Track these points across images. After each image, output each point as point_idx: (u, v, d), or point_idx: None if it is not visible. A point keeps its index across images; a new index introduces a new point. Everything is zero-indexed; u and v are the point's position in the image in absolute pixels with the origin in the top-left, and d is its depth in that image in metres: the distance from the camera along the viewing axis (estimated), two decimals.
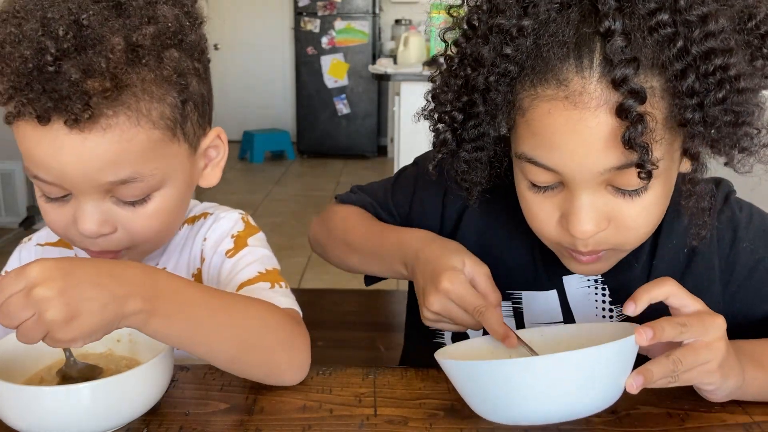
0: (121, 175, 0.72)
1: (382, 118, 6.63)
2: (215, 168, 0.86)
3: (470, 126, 0.75)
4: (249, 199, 4.94)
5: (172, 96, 0.73)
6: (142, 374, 0.67)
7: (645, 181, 0.67)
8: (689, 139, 0.67)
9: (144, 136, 0.72)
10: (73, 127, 0.68)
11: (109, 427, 0.68)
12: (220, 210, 0.94)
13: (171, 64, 0.72)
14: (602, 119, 0.65)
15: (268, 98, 7.03)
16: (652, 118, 0.64)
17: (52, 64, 0.65)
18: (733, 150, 0.69)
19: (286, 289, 0.84)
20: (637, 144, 0.63)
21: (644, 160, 0.64)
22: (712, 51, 0.63)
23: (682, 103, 0.65)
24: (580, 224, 0.71)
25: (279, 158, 6.54)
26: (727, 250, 0.86)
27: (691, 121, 0.65)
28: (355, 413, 0.74)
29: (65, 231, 0.77)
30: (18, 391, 0.64)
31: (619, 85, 0.63)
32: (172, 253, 0.91)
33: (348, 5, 6.29)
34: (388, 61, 4.22)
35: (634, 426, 0.72)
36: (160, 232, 0.80)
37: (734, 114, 0.65)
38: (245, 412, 0.74)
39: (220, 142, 0.85)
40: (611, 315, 0.89)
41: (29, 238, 0.97)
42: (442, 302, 0.79)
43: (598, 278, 0.88)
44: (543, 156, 0.70)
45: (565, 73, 0.66)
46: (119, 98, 0.69)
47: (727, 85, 0.63)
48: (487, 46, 0.69)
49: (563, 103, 0.66)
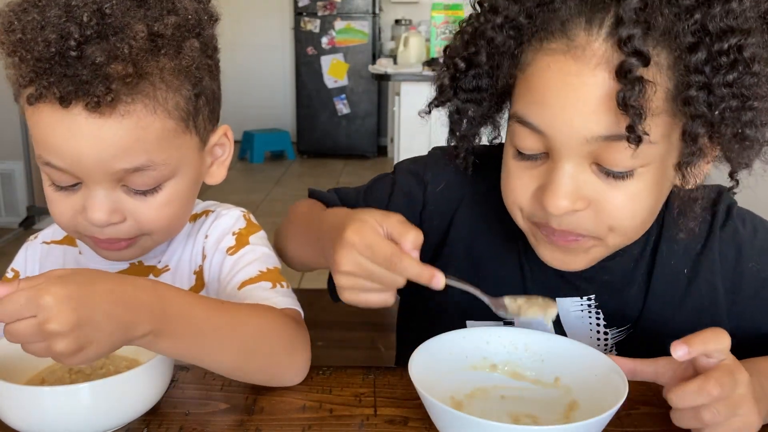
0: (134, 163, 0.73)
1: (382, 118, 6.62)
2: (221, 166, 0.87)
3: (470, 76, 0.74)
4: (249, 199, 4.94)
5: (187, 88, 0.75)
6: (142, 374, 0.67)
7: (633, 149, 0.63)
8: (690, 120, 0.64)
9: (159, 124, 0.73)
10: (93, 110, 0.69)
11: (109, 427, 0.67)
12: (222, 207, 0.94)
13: (190, 54, 0.74)
14: (600, 78, 0.64)
15: (268, 98, 7.02)
16: (653, 88, 0.62)
17: (75, 49, 0.67)
18: (733, 139, 0.66)
19: (288, 289, 0.84)
20: (631, 105, 0.61)
21: (635, 124, 0.62)
22: (729, 29, 0.61)
23: (688, 79, 0.63)
24: (555, 196, 0.68)
25: (279, 158, 6.54)
26: (731, 270, 0.82)
27: (695, 99, 0.63)
28: (355, 413, 0.74)
29: (72, 220, 0.77)
30: (18, 391, 0.64)
31: (624, 43, 0.61)
32: (175, 250, 0.91)
33: (348, 5, 6.29)
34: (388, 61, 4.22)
35: (634, 426, 0.72)
36: (169, 223, 0.81)
37: (742, 98, 0.63)
38: (245, 412, 0.74)
39: (227, 140, 0.87)
40: (606, 338, 0.87)
41: (35, 236, 0.97)
42: (351, 257, 0.66)
43: (591, 302, 0.85)
44: (534, 113, 0.68)
45: (574, 28, 0.65)
46: (138, 86, 0.70)
47: (740, 67, 0.61)
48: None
49: (564, 57, 0.65)
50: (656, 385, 0.70)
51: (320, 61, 6.43)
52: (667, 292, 0.83)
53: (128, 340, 0.61)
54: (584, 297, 0.86)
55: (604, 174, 0.68)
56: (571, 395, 0.73)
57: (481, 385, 0.76)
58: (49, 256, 0.94)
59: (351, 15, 6.31)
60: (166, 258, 0.91)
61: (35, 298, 0.55)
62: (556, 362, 0.76)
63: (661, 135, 0.65)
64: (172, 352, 0.67)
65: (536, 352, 0.77)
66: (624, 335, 0.86)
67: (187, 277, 0.90)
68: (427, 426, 0.71)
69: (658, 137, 0.65)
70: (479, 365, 0.77)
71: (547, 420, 0.71)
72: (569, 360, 0.75)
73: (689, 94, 0.63)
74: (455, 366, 0.76)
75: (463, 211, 0.90)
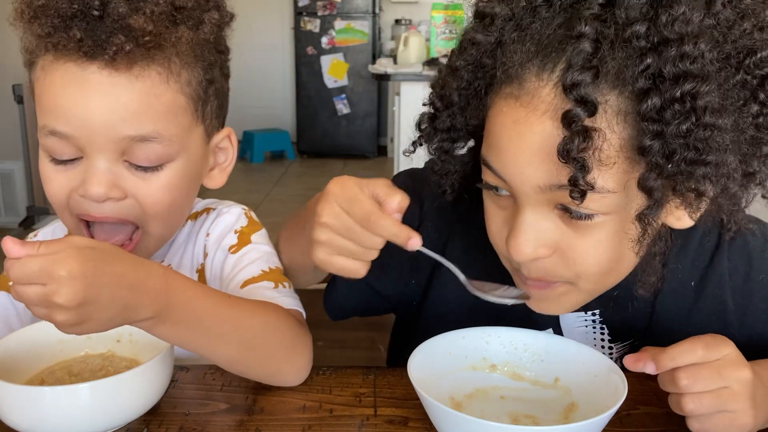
0: (141, 131, 0.73)
1: (382, 118, 6.62)
2: (222, 172, 0.87)
3: (445, 116, 0.73)
4: (249, 199, 4.93)
5: (200, 70, 0.77)
6: (142, 374, 0.67)
7: (579, 201, 0.60)
8: (646, 171, 0.61)
9: (170, 96, 0.74)
10: (108, 65, 0.70)
11: (109, 427, 0.68)
12: (223, 205, 0.94)
13: (208, 28, 0.76)
14: (547, 127, 0.61)
15: (268, 98, 7.02)
16: (602, 137, 0.59)
17: (98, 9, 0.69)
18: (689, 193, 0.62)
19: (290, 289, 0.84)
20: (572, 158, 0.58)
21: (578, 178, 0.58)
22: (684, 74, 0.57)
23: (642, 127, 0.59)
24: (517, 243, 0.67)
25: (279, 158, 6.54)
26: (741, 282, 0.81)
27: (649, 149, 0.59)
28: (355, 413, 0.74)
29: (68, 197, 0.77)
30: (18, 391, 0.64)
31: (569, 90, 0.58)
32: (177, 249, 0.91)
33: (348, 5, 6.29)
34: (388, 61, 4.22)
35: (634, 426, 0.72)
36: (168, 210, 0.80)
37: (696, 151, 0.58)
38: (245, 412, 0.74)
39: (230, 145, 0.87)
40: (611, 353, 0.86)
41: (35, 234, 0.97)
42: (331, 209, 0.65)
43: (596, 318, 0.84)
44: (492, 157, 0.67)
45: (526, 73, 0.63)
46: (154, 53, 0.72)
47: (693, 117, 0.57)
48: (478, 33, 0.67)
49: (516, 102, 0.64)
50: (656, 385, 0.70)
51: (320, 61, 6.43)
52: (674, 306, 0.82)
53: (128, 321, 0.61)
54: (588, 312, 0.84)
55: (568, 217, 0.65)
56: (570, 396, 0.73)
57: (481, 385, 0.76)
58: None
59: (351, 15, 6.31)
60: (168, 257, 0.91)
61: (50, 269, 0.55)
62: (555, 362, 0.76)
63: (618, 182, 0.62)
64: (172, 339, 0.67)
65: (536, 353, 0.77)
66: (629, 348, 0.86)
67: (188, 275, 0.90)
68: (427, 426, 0.71)
69: (615, 186, 0.62)
70: (479, 366, 0.77)
71: (546, 420, 0.71)
72: (569, 360, 0.75)
73: (643, 144, 0.59)
74: (455, 366, 0.76)
75: (458, 230, 0.88)
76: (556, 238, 0.67)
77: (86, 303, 0.56)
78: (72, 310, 0.56)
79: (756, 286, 0.81)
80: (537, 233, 0.67)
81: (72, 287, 0.55)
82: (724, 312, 0.81)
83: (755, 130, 0.63)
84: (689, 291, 0.82)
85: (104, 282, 0.58)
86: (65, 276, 0.55)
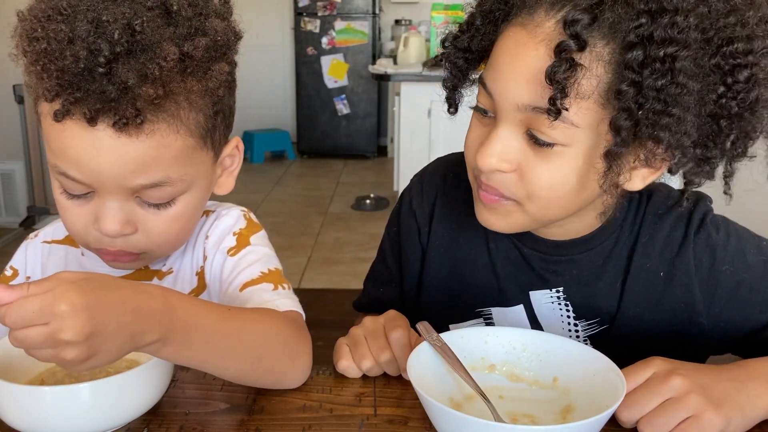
0: (152, 179, 0.73)
1: (382, 118, 6.62)
2: (230, 176, 0.87)
3: (465, 36, 0.81)
4: (249, 199, 4.95)
5: (209, 107, 0.75)
6: (142, 374, 0.67)
7: (552, 119, 0.68)
8: (617, 112, 0.69)
9: (180, 143, 0.73)
10: (121, 130, 0.68)
11: (109, 427, 0.68)
12: (222, 207, 0.94)
13: (217, 77, 0.74)
14: (540, 52, 0.70)
15: (268, 98, 7.02)
16: (584, 72, 0.68)
17: (104, 66, 0.66)
18: (649, 140, 0.70)
19: (289, 291, 0.84)
20: (555, 80, 0.67)
21: (556, 98, 0.67)
22: (669, 39, 0.65)
23: (622, 75, 0.67)
24: (485, 153, 0.75)
25: (279, 158, 6.54)
26: (706, 273, 0.86)
27: (624, 94, 0.67)
28: (355, 413, 0.74)
29: (84, 230, 0.77)
30: (18, 391, 0.64)
31: (568, 25, 0.67)
32: (178, 253, 0.91)
33: (348, 5, 6.29)
34: (388, 61, 4.23)
35: (634, 426, 0.72)
36: (178, 236, 0.81)
37: (664, 103, 0.67)
38: (245, 412, 0.74)
39: (237, 152, 0.86)
40: (577, 330, 0.90)
41: (35, 234, 0.97)
42: (358, 330, 0.83)
43: (560, 294, 0.89)
44: (487, 74, 0.76)
45: (539, 8, 0.72)
46: (164, 105, 0.70)
47: (669, 76, 0.65)
48: None
49: (521, 29, 0.73)
50: None
51: (320, 61, 6.43)
52: (643, 293, 0.87)
53: (136, 347, 0.60)
54: (553, 290, 0.90)
55: (533, 142, 0.73)
56: (569, 395, 0.74)
57: (480, 385, 0.76)
58: (51, 256, 0.94)
59: (351, 15, 6.31)
60: (170, 261, 0.91)
61: (50, 305, 0.53)
62: (554, 362, 0.76)
63: (587, 121, 0.70)
64: (179, 359, 0.66)
65: (534, 353, 0.77)
66: (596, 329, 0.90)
67: (189, 278, 0.90)
68: (427, 426, 0.71)
69: (582, 122, 0.70)
70: (478, 366, 0.77)
71: (545, 420, 0.71)
72: (567, 360, 0.75)
73: (621, 88, 0.67)
74: None
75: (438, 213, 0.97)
76: (519, 158, 0.75)
77: (94, 334, 0.55)
78: (81, 345, 0.55)
79: (720, 276, 0.85)
80: (504, 148, 0.75)
81: (77, 320, 0.54)
82: (692, 301, 0.86)
83: (715, 106, 0.70)
84: (659, 280, 0.87)
85: (108, 311, 0.56)
86: (68, 310, 0.53)
